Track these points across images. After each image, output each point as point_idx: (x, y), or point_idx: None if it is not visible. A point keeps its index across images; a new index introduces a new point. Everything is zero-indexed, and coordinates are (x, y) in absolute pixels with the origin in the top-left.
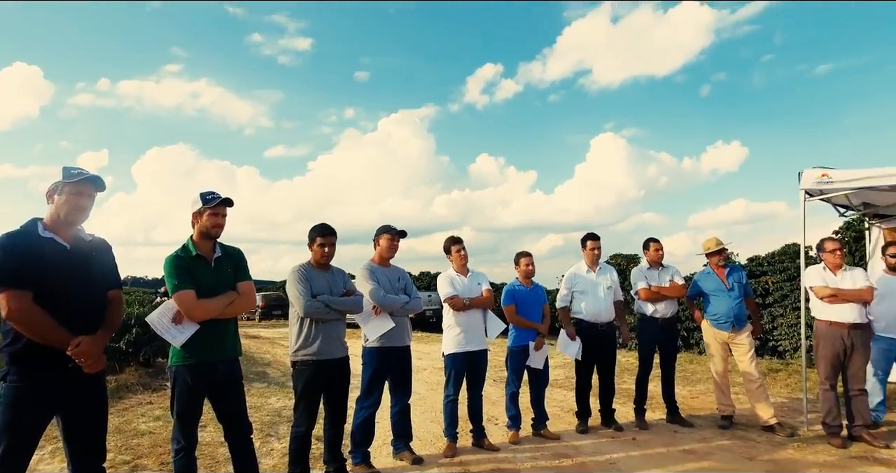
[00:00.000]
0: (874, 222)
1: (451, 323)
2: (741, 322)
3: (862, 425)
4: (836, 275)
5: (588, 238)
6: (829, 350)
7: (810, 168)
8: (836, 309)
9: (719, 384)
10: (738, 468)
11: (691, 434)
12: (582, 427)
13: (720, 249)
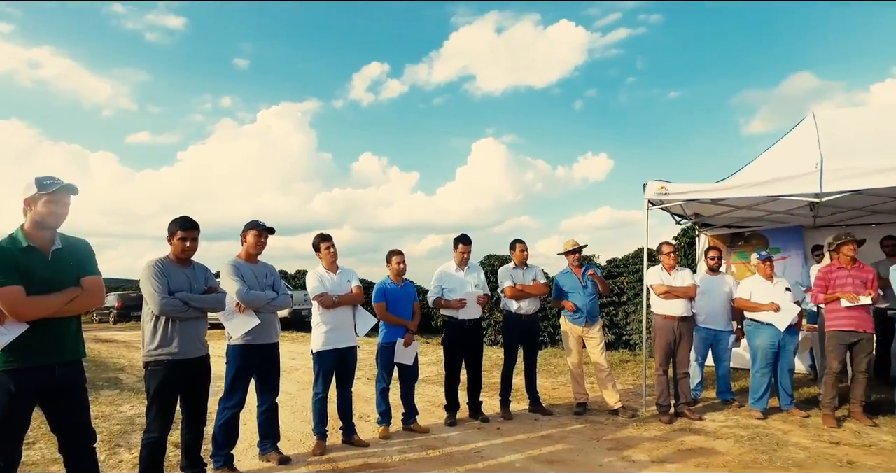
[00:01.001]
0: (702, 230)
1: (319, 321)
2: (594, 317)
3: (685, 403)
4: (671, 275)
5: (459, 241)
6: (664, 340)
7: (652, 180)
8: (670, 304)
9: (575, 374)
10: (586, 447)
11: (550, 421)
12: (450, 419)
13: (574, 249)
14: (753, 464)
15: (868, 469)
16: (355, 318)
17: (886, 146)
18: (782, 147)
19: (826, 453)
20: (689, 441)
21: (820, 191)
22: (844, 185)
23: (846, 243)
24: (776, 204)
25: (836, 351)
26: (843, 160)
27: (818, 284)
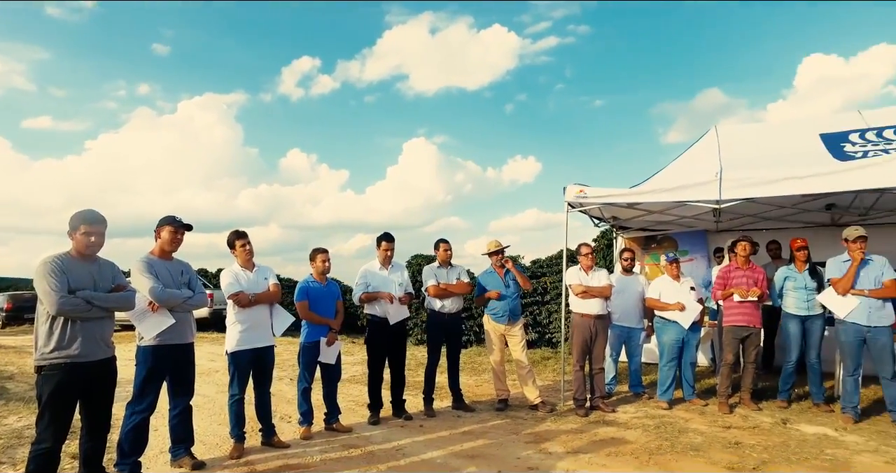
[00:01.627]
0: (619, 232)
1: (234, 320)
2: (516, 316)
3: (599, 396)
4: (588, 275)
5: (382, 239)
6: (581, 337)
7: (572, 184)
8: (587, 303)
9: (497, 372)
10: (505, 441)
11: (472, 418)
12: (374, 418)
13: (497, 250)
14: (657, 450)
15: (749, 447)
16: (272, 317)
17: (776, 160)
18: (688, 157)
19: (719, 436)
20: (602, 432)
21: (719, 198)
22: (740, 193)
23: (739, 241)
24: (684, 209)
25: (730, 345)
26: (739, 171)
27: (718, 283)
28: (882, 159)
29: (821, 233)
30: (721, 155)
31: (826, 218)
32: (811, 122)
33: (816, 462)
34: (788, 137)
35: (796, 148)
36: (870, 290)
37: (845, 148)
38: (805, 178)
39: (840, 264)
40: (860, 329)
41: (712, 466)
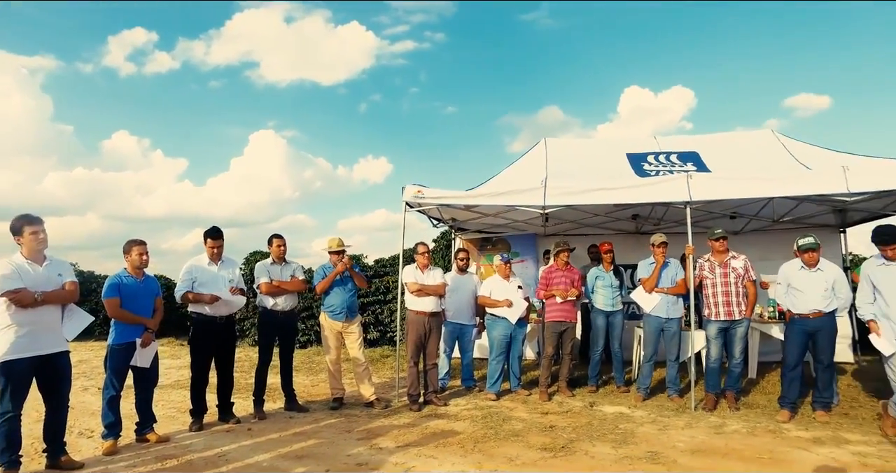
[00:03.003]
0: (457, 234)
1: (9, 322)
2: (353, 313)
3: (433, 391)
4: (424, 273)
5: (208, 236)
6: (416, 334)
7: (410, 184)
8: (422, 300)
9: (332, 370)
10: (337, 440)
11: (305, 418)
12: (196, 425)
13: (338, 251)
14: (482, 439)
15: (560, 429)
16: (65, 318)
17: (592, 173)
18: (519, 165)
19: (537, 422)
20: (433, 425)
21: (544, 203)
22: (561, 200)
23: (562, 251)
24: (516, 213)
25: (550, 339)
26: (561, 180)
27: (541, 283)
28: (668, 178)
29: (628, 238)
30: (548, 165)
31: (632, 226)
32: (620, 142)
33: (611, 436)
34: (602, 154)
35: (608, 163)
36: (668, 288)
37: (644, 166)
38: (613, 190)
39: (647, 266)
40: (660, 320)
41: (528, 448)
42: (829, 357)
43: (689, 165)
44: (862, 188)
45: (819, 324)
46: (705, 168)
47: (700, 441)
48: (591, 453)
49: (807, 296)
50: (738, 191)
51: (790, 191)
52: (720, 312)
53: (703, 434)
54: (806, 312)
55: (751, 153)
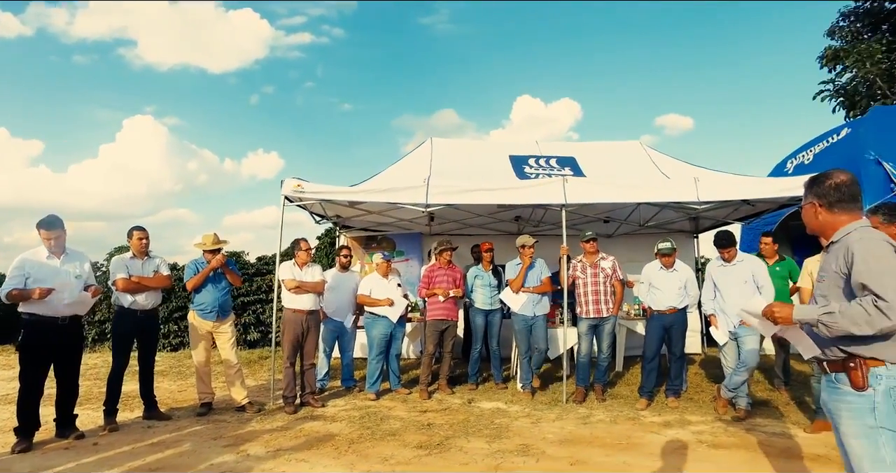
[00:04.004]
0: (342, 231)
1: None
2: (226, 312)
3: (310, 392)
4: (302, 270)
5: (40, 226)
6: (292, 333)
7: (290, 178)
8: (300, 298)
9: (200, 373)
10: (201, 448)
11: (167, 427)
12: (22, 444)
13: (213, 249)
14: (358, 439)
15: (438, 427)
16: None
17: (475, 173)
18: (405, 163)
19: (415, 420)
20: (308, 427)
21: (426, 202)
22: (443, 199)
23: (445, 250)
24: (402, 212)
25: (432, 337)
26: (444, 179)
27: (423, 281)
28: (546, 181)
29: (511, 239)
30: (433, 164)
31: (514, 227)
32: (504, 145)
33: (487, 431)
34: (487, 155)
35: (491, 165)
36: (534, 287)
37: (526, 169)
38: (494, 191)
39: (514, 267)
40: (528, 318)
41: (404, 447)
42: (680, 349)
43: (567, 170)
44: (709, 197)
45: (673, 319)
46: (581, 173)
47: (568, 432)
48: (466, 449)
49: (664, 294)
50: (609, 195)
51: (653, 197)
52: (590, 310)
53: (572, 425)
54: (663, 308)
55: (621, 161)
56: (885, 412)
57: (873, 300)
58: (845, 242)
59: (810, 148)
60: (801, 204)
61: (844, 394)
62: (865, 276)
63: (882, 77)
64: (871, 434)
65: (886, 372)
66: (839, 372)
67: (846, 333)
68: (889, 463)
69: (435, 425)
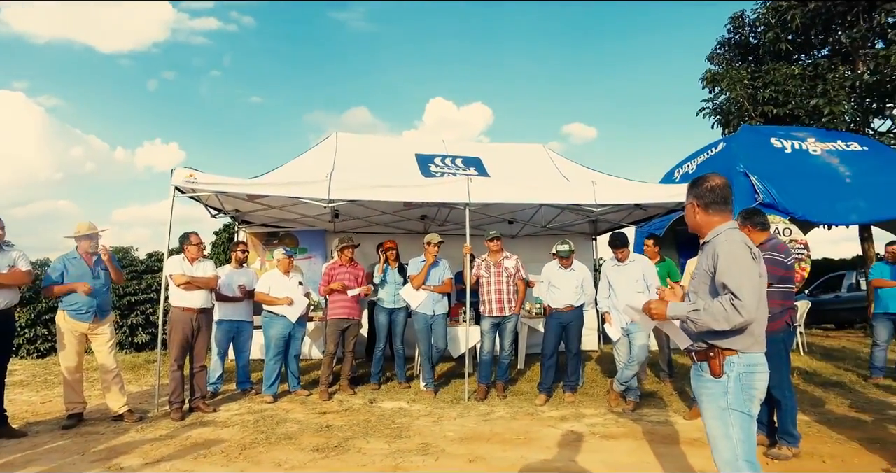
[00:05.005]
0: (241, 226)
1: None
2: (104, 311)
3: (200, 397)
4: (193, 266)
5: None
6: (181, 333)
7: (181, 167)
8: (190, 295)
9: (70, 380)
10: (64, 466)
11: (21, 444)
12: None
13: (90, 234)
14: (250, 445)
15: (337, 428)
16: None
17: (380, 170)
18: (308, 157)
19: (314, 422)
20: (195, 434)
21: (328, 197)
22: (346, 195)
23: (347, 247)
24: (305, 207)
25: (333, 336)
26: (348, 174)
27: (324, 279)
28: (451, 180)
29: (416, 238)
30: (336, 158)
31: (420, 226)
32: (410, 143)
33: (387, 431)
34: (393, 153)
35: (397, 162)
36: (434, 286)
37: (431, 168)
38: (398, 188)
39: (418, 264)
40: (427, 317)
41: (300, 450)
42: (577, 345)
43: (472, 170)
44: (606, 201)
45: (570, 317)
46: (486, 173)
47: (469, 430)
48: (365, 449)
49: (562, 293)
50: (511, 195)
51: (553, 199)
52: (493, 309)
53: (473, 422)
54: (561, 306)
55: (525, 164)
56: (735, 395)
57: (730, 298)
58: (713, 243)
59: (694, 159)
60: (685, 203)
61: (706, 381)
62: (726, 276)
63: (748, 100)
64: (722, 414)
65: (738, 360)
66: (703, 361)
67: (708, 328)
68: (735, 440)
69: (334, 426)
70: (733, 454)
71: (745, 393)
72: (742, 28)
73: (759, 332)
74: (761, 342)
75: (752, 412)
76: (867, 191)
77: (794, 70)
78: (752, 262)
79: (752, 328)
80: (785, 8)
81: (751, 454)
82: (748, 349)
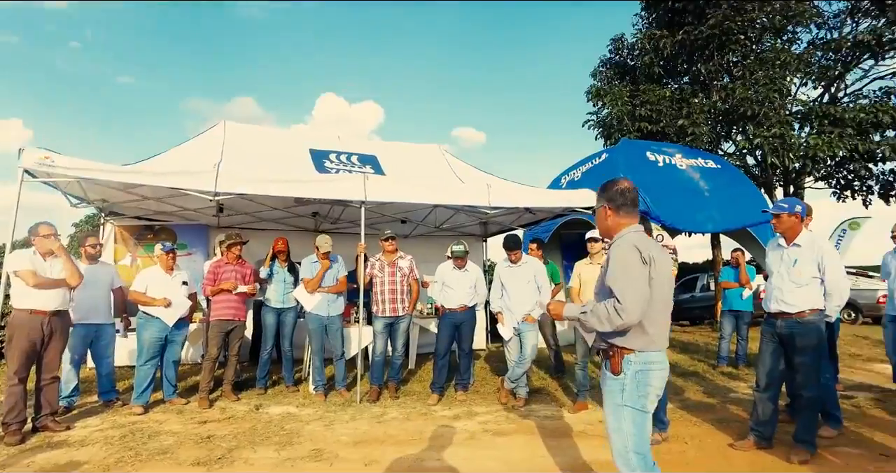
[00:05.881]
0: (108, 218)
1: None
2: None
3: (49, 413)
4: (47, 261)
5: None
6: (27, 340)
7: (32, 147)
8: (41, 295)
9: None
10: None
11: None
12: None
13: None
14: (116, 464)
15: (219, 439)
16: None
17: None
18: (193, 145)
19: (193, 433)
20: (41, 459)
21: (215, 189)
22: (235, 188)
23: (235, 244)
24: (186, 199)
25: (216, 339)
26: (238, 166)
27: (209, 277)
28: (347, 176)
29: (307, 236)
30: (225, 148)
31: (312, 224)
32: (304, 138)
33: (276, 439)
34: (285, 146)
35: (290, 156)
36: (329, 287)
37: (326, 163)
38: (292, 183)
39: (311, 265)
40: (322, 318)
41: (178, 466)
42: (469, 344)
43: (368, 167)
44: (499, 203)
45: (463, 317)
46: (382, 171)
47: (363, 432)
48: (252, 459)
49: (456, 293)
50: (408, 195)
51: (449, 200)
52: (386, 309)
53: (366, 424)
54: (455, 306)
55: (421, 164)
56: (629, 392)
57: (613, 302)
58: (613, 248)
59: (579, 167)
60: (595, 207)
61: (607, 378)
62: (611, 280)
63: (627, 116)
64: (616, 410)
65: (635, 358)
66: (606, 360)
67: (594, 329)
68: (626, 434)
69: (216, 436)
70: (624, 446)
71: (640, 390)
72: (622, 50)
73: (655, 332)
74: (658, 341)
75: (647, 408)
76: (720, 204)
77: (666, 92)
78: (641, 266)
79: (647, 328)
80: (658, 36)
81: (641, 446)
82: (645, 348)
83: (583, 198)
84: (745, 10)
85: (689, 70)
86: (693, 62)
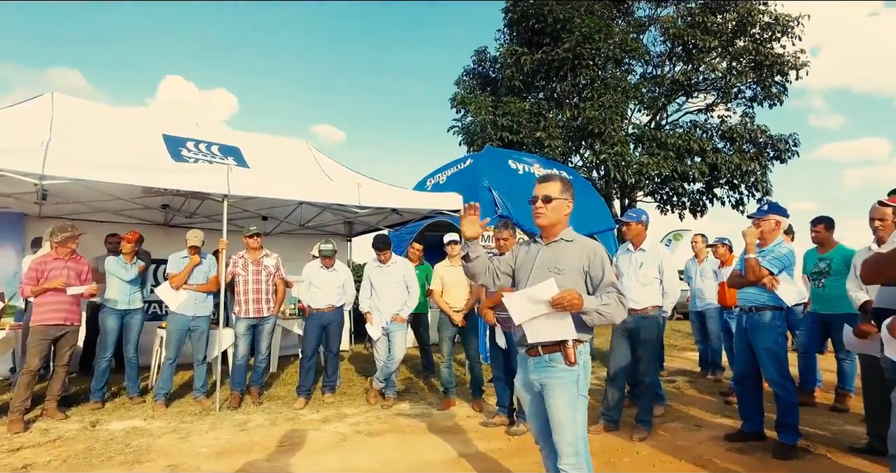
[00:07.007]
0: None
1: None
2: None
3: None
4: None
5: None
6: None
7: None
8: None
9: None
10: None
11: None
12: None
13: None
14: None
15: (43, 466)
16: None
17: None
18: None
19: (3, 464)
20: None
21: (42, 172)
22: (69, 172)
23: (71, 237)
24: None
25: (38, 347)
26: (73, 147)
27: (30, 275)
28: (208, 167)
29: (156, 230)
30: (53, 125)
31: (161, 217)
32: (158, 121)
33: (121, 458)
34: (133, 129)
35: (140, 140)
36: (197, 285)
37: (183, 152)
38: (145, 170)
39: (179, 260)
40: (186, 318)
41: None
42: (337, 345)
43: (230, 159)
44: (369, 203)
45: (331, 317)
46: (245, 164)
47: (225, 442)
48: None
49: (324, 293)
50: (276, 190)
51: (319, 197)
52: (250, 309)
53: (229, 433)
54: (323, 306)
55: (288, 159)
56: (583, 381)
57: (618, 296)
58: (585, 245)
59: (444, 171)
60: (554, 197)
61: (559, 371)
62: (609, 274)
63: (490, 124)
64: (573, 401)
65: (584, 350)
66: (554, 353)
67: (611, 321)
68: (580, 423)
69: (37, 465)
70: (575, 435)
71: (587, 378)
72: (485, 61)
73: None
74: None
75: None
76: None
77: (525, 105)
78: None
79: None
80: (519, 53)
81: (584, 432)
82: (587, 338)
83: (450, 200)
84: (593, 39)
85: (546, 87)
86: (550, 80)
